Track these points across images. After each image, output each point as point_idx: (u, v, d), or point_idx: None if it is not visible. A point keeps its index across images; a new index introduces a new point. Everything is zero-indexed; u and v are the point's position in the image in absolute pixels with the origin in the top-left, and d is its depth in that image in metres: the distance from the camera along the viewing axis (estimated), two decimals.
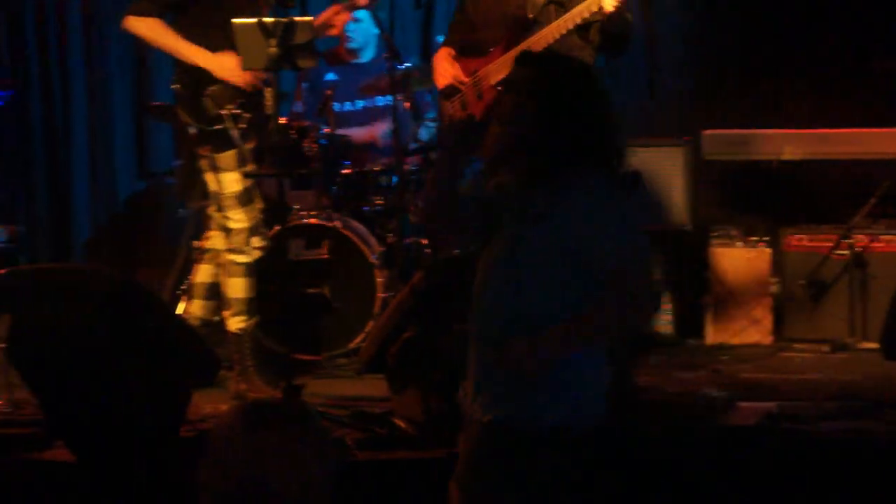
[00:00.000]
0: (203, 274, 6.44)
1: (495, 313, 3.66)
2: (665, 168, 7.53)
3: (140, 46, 9.69)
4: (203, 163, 6.17)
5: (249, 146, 6.09)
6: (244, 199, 6.12)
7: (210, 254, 6.38)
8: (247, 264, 6.15)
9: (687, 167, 7.57)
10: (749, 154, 7.62)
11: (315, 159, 7.09)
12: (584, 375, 3.67)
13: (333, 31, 6.51)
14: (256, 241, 6.15)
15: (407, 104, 7.83)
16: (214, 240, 6.33)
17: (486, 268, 3.75)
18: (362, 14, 7.69)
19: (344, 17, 6.35)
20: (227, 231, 6.15)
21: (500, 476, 3.66)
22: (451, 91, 6.03)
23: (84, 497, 4.74)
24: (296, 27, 5.59)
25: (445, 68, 6.05)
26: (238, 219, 6.11)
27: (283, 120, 7.16)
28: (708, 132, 7.66)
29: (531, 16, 5.82)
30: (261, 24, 5.56)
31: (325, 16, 6.40)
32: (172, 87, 6.25)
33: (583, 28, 5.73)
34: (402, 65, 7.53)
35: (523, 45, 5.70)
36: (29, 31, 9.68)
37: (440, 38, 8.62)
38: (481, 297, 3.73)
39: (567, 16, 5.66)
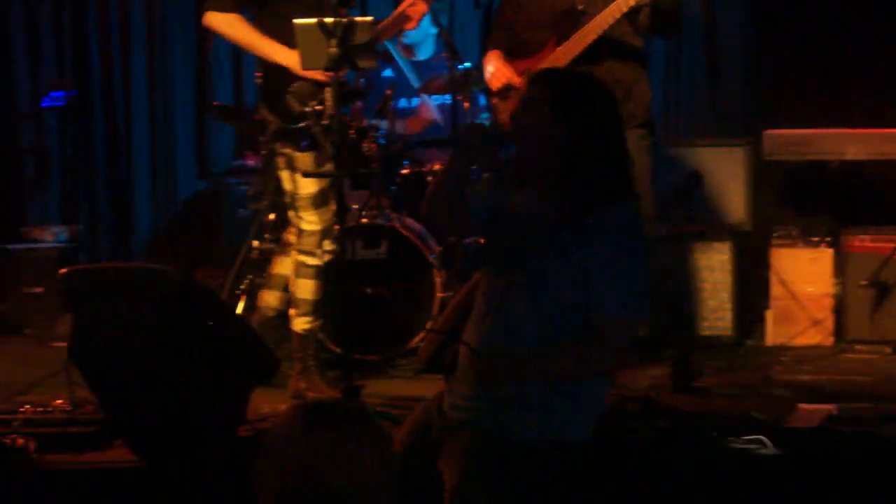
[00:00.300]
0: (283, 266, 6.45)
1: (512, 336, 3.68)
2: (726, 168, 7.49)
3: (202, 46, 9.77)
4: (280, 160, 6.17)
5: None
6: (318, 201, 6.10)
7: (292, 247, 6.37)
8: (317, 267, 6.14)
9: (748, 167, 7.53)
10: (811, 154, 7.57)
11: (374, 159, 7.10)
12: (580, 393, 3.72)
13: (410, 25, 6.42)
14: (328, 245, 6.12)
15: (466, 104, 7.83)
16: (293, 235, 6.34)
17: (499, 290, 3.76)
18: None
19: (421, 7, 6.27)
20: (300, 232, 6.15)
21: (493, 485, 3.66)
22: (506, 91, 6.04)
23: (144, 497, 4.76)
24: (356, 27, 5.59)
25: (499, 69, 6.06)
26: (311, 220, 6.10)
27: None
28: (769, 132, 7.61)
29: (580, 7, 5.82)
30: (321, 24, 5.56)
31: (402, 7, 6.33)
32: (256, 81, 6.25)
33: (632, 14, 5.73)
34: (461, 64, 7.53)
35: (575, 37, 5.73)
36: (91, 31, 9.76)
37: None
38: (493, 317, 3.74)
39: (615, 3, 5.67)
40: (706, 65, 9.22)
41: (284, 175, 6.17)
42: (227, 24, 6.05)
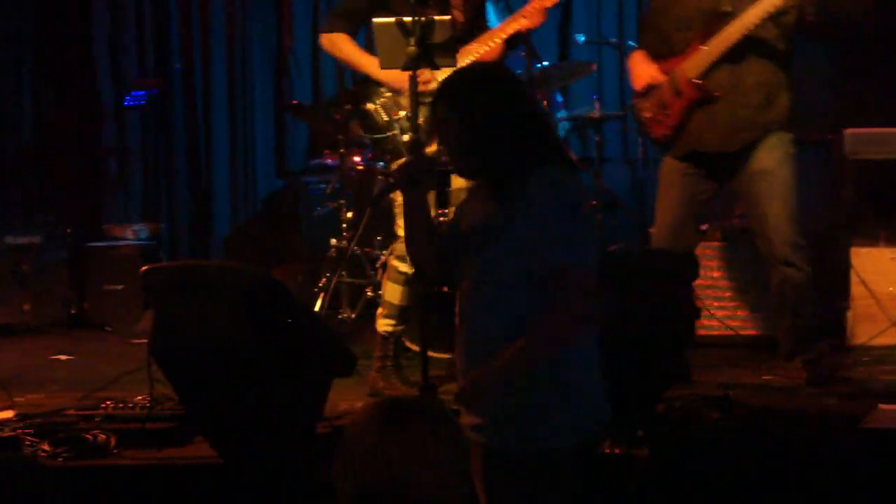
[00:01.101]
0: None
1: (483, 344, 3.63)
2: (808, 167, 7.43)
3: (282, 46, 9.83)
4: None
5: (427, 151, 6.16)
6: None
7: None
8: (407, 274, 6.16)
9: (830, 166, 7.47)
10: (893, 153, 7.48)
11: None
12: (570, 398, 3.62)
13: (531, 23, 6.31)
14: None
15: (545, 102, 7.82)
16: None
17: (465, 301, 3.74)
18: (488, 10, 7.66)
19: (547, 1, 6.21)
20: (396, 237, 6.19)
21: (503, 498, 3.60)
22: (648, 91, 6.05)
23: (222, 493, 4.80)
24: (435, 26, 5.60)
25: (644, 69, 6.07)
26: (401, 226, 6.16)
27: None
28: (851, 131, 7.53)
29: (727, 8, 5.83)
30: (400, 23, 5.57)
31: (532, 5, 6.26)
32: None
33: (778, 15, 5.73)
34: (540, 63, 7.51)
35: (720, 37, 5.75)
36: (173, 32, 9.84)
37: (580, 37, 8.63)
38: (464, 329, 3.72)
39: (761, 4, 5.67)
40: None
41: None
42: (331, 44, 6.25)
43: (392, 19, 5.62)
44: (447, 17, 5.69)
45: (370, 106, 6.19)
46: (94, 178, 9.99)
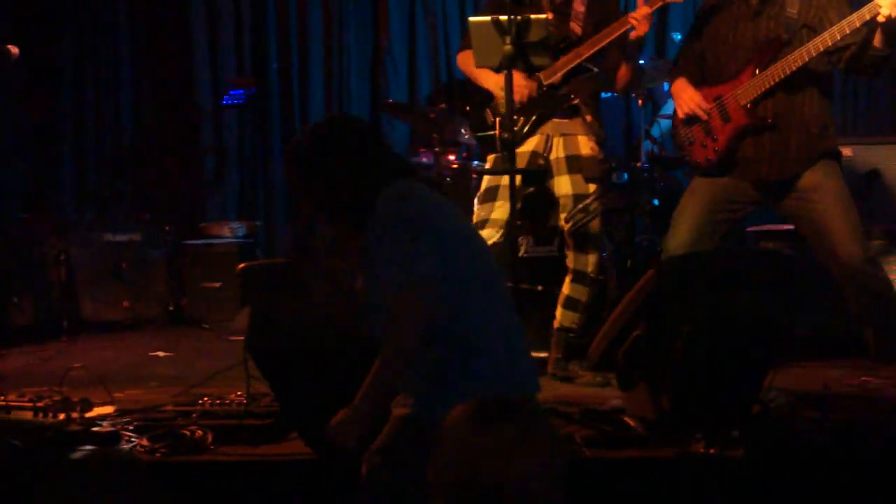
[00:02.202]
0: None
1: None
2: None
3: (378, 44, 9.87)
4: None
5: (526, 150, 6.23)
6: (483, 197, 6.35)
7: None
8: None
9: None
10: None
11: None
12: (451, 372, 3.90)
13: (636, 32, 6.28)
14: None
15: (640, 101, 7.79)
16: None
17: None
18: None
19: (645, 10, 6.18)
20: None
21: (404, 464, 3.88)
22: (693, 119, 6.00)
23: (317, 490, 4.82)
24: (530, 24, 5.60)
25: (690, 96, 6.01)
26: (475, 214, 6.25)
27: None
28: None
29: (785, 37, 5.78)
30: (495, 22, 5.58)
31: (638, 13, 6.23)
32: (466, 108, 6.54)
33: (838, 50, 5.71)
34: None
35: (777, 66, 5.71)
36: (271, 31, 9.90)
37: (676, 35, 8.58)
38: None
39: (822, 37, 5.62)
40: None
41: None
42: (462, 61, 6.51)
43: (488, 18, 5.63)
44: (543, 17, 5.68)
45: (483, 107, 6.42)
46: (192, 176, 10.09)
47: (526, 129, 6.25)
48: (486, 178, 6.35)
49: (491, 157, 6.36)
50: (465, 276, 3.95)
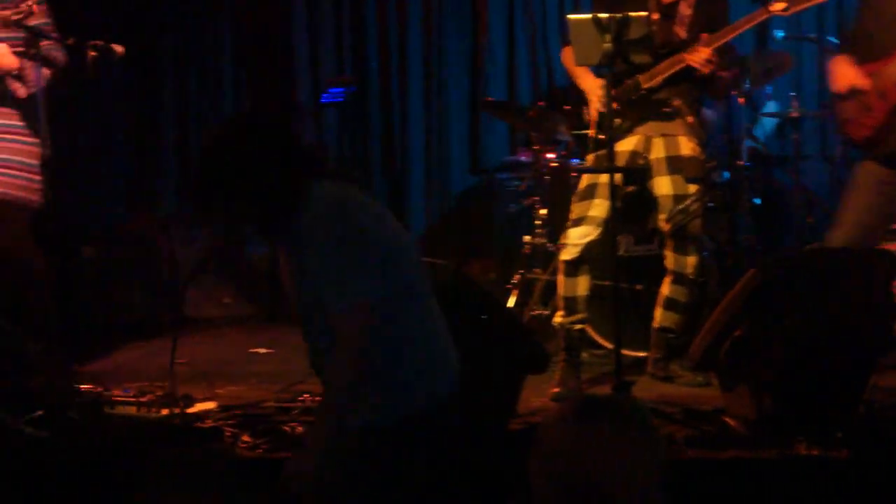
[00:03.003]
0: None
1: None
2: None
3: (477, 42, 9.87)
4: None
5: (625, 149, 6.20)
6: (580, 194, 6.28)
7: None
8: (564, 262, 6.22)
9: None
10: None
11: None
12: (383, 379, 3.82)
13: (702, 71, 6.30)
14: (575, 235, 6.17)
15: (741, 99, 7.73)
16: None
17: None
18: None
19: (704, 53, 6.16)
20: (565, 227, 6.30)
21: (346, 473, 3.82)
22: (850, 94, 5.92)
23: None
24: (631, 22, 5.58)
25: (846, 71, 5.92)
26: (571, 212, 6.23)
27: None
28: None
29: None
30: (595, 20, 5.57)
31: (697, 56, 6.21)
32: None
33: None
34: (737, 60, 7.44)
35: None
36: (371, 30, 9.94)
37: (778, 33, 8.49)
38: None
39: None
40: None
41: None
42: (564, 57, 6.42)
43: (588, 16, 5.63)
44: (643, 14, 5.66)
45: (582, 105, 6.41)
46: None
47: (624, 128, 6.21)
48: (584, 176, 6.32)
49: (591, 157, 6.33)
50: (399, 286, 3.84)
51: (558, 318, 6.29)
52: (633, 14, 5.61)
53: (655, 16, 6.06)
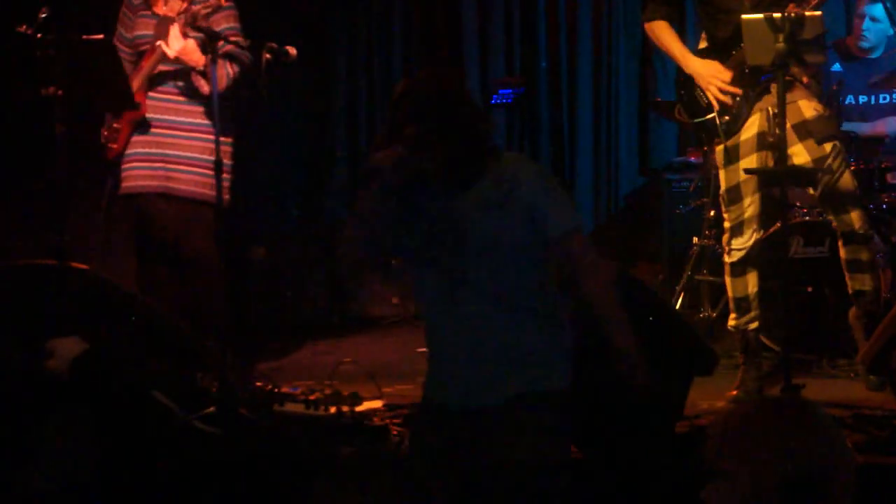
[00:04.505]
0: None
1: (485, 322, 3.91)
2: None
3: (647, 42, 9.83)
4: (711, 158, 6.26)
5: (751, 133, 6.07)
6: (728, 197, 6.15)
7: None
8: (730, 264, 6.15)
9: None
10: None
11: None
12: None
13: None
14: (737, 243, 6.09)
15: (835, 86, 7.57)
16: None
17: (446, 289, 3.94)
18: (880, 13, 7.46)
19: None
20: (723, 230, 6.20)
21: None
22: None
23: (584, 489, 4.83)
24: (805, 22, 5.52)
25: None
26: (726, 217, 6.14)
27: None
28: None
29: None
30: (769, 20, 5.52)
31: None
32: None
33: None
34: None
35: None
36: (541, 31, 9.95)
37: None
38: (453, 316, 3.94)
39: None
40: None
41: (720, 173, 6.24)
42: (651, 32, 6.33)
43: (761, 15, 5.58)
44: (818, 13, 5.58)
45: (695, 91, 6.24)
46: None
47: (744, 112, 6.09)
48: (723, 175, 6.18)
49: (720, 149, 6.19)
50: None
51: (732, 321, 6.23)
52: (808, 13, 5.54)
53: None
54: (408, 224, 3.92)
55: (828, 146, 6.06)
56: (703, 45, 6.25)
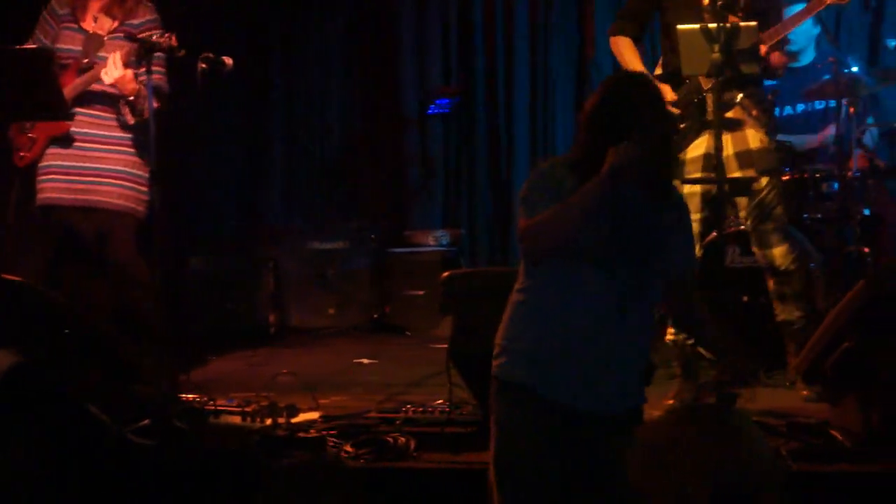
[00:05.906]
0: None
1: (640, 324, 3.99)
2: None
3: (584, 47, 9.84)
4: None
5: (698, 153, 6.09)
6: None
7: None
8: None
9: None
10: None
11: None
12: None
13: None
14: None
15: (851, 108, 7.62)
16: None
17: (618, 288, 3.91)
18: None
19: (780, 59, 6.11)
20: None
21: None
22: None
23: None
24: (740, 32, 5.54)
25: None
26: None
27: None
28: None
29: None
30: (704, 30, 5.53)
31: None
32: None
33: None
34: (847, 68, 7.34)
35: None
36: (478, 41, 9.95)
37: (891, 42, 8.37)
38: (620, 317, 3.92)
39: None
40: None
41: None
42: (615, 45, 6.35)
43: (697, 26, 5.59)
44: (753, 23, 5.61)
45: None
46: (397, 185, 10.19)
47: (689, 134, 6.11)
48: (684, 187, 6.21)
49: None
50: None
51: (670, 336, 6.22)
52: (742, 24, 5.57)
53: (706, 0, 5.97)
54: (613, 227, 3.88)
55: (765, 180, 6.09)
56: (658, 71, 6.25)
